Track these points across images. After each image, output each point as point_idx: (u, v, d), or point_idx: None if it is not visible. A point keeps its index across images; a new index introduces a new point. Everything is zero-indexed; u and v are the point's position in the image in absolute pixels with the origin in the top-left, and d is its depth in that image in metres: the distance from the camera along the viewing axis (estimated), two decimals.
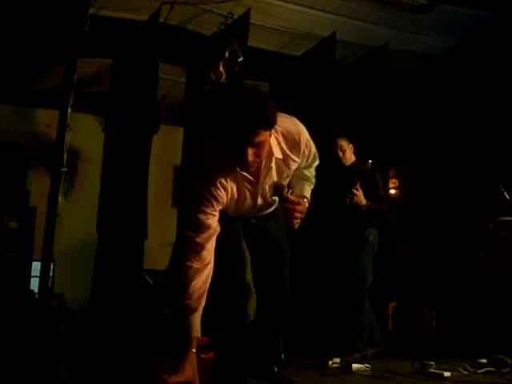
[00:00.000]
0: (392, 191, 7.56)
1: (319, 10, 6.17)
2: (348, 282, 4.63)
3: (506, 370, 3.81)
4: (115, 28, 6.06)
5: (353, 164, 4.90)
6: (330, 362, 4.06)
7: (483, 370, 3.83)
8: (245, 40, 5.85)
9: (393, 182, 7.57)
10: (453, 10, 6.11)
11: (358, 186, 4.56)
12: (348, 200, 4.58)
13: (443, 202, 6.90)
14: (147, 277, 5.09)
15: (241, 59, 5.08)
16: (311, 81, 6.96)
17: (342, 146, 4.91)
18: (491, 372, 3.81)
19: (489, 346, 4.71)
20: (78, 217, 7.38)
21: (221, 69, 5.07)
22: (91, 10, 4.94)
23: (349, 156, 4.92)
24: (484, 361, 3.96)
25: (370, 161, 4.58)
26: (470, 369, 3.80)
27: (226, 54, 5.05)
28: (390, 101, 6.91)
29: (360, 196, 4.57)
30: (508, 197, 4.93)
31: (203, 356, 4.34)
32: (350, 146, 4.94)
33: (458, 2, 6.12)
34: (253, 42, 6.10)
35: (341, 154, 4.90)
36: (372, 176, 4.74)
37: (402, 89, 7.32)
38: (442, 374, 3.63)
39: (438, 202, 6.99)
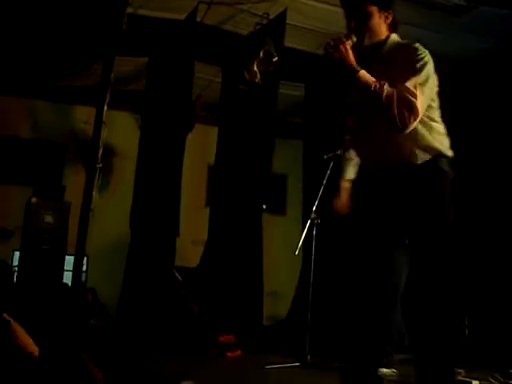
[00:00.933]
0: None
1: None
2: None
3: None
4: (152, 27, 6.14)
5: None
6: None
7: None
8: (280, 40, 5.84)
9: None
10: (491, 11, 5.99)
11: None
12: None
13: (480, 206, 6.76)
14: (177, 274, 5.13)
15: (275, 59, 5.07)
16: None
17: None
18: None
19: None
20: (112, 213, 7.49)
21: (255, 68, 5.08)
22: (129, 9, 5.01)
23: None
24: None
25: None
26: (501, 379, 3.71)
27: (261, 54, 5.05)
28: None
29: None
30: None
31: (230, 354, 4.38)
32: None
33: (497, 3, 6.00)
34: (288, 42, 6.09)
35: None
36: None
37: (439, 91, 7.19)
38: (471, 383, 3.55)
39: (475, 207, 6.85)
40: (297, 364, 4.02)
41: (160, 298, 5.11)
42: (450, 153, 2.47)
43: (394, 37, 2.55)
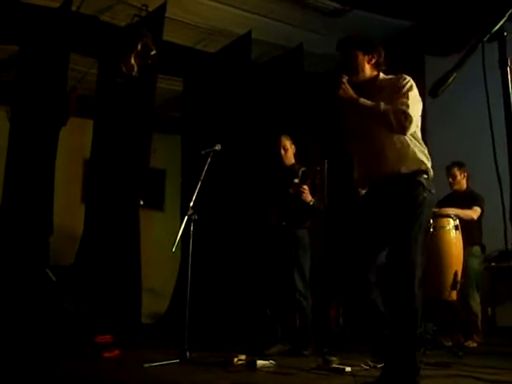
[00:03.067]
0: None
1: (236, 7, 6.19)
2: (289, 279, 4.74)
3: None
4: (24, 14, 5.83)
5: (292, 166, 4.95)
6: (235, 359, 4.06)
7: (382, 364, 3.95)
8: (159, 33, 5.78)
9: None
10: (365, 16, 6.29)
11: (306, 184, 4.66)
12: (293, 191, 4.65)
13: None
14: (50, 273, 4.92)
15: (153, 52, 4.98)
16: (226, 78, 6.96)
17: (285, 144, 4.96)
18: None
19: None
20: None
21: (132, 61, 4.96)
22: None
23: (289, 156, 4.98)
24: None
25: (318, 168, 4.66)
26: (371, 363, 3.91)
27: (139, 47, 4.93)
28: (304, 102, 7.00)
29: (307, 192, 4.65)
30: None
31: (107, 354, 4.26)
32: (293, 146, 5.00)
33: (370, 8, 6.29)
34: (167, 36, 6.03)
35: (283, 152, 4.94)
36: (314, 180, 4.83)
37: (316, 90, 7.44)
38: (344, 369, 3.72)
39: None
40: (176, 361, 4.00)
41: (33, 300, 4.88)
42: (430, 171, 3.03)
43: (382, 75, 3.21)
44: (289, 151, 4.98)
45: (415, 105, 2.98)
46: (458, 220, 5.04)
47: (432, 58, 7.17)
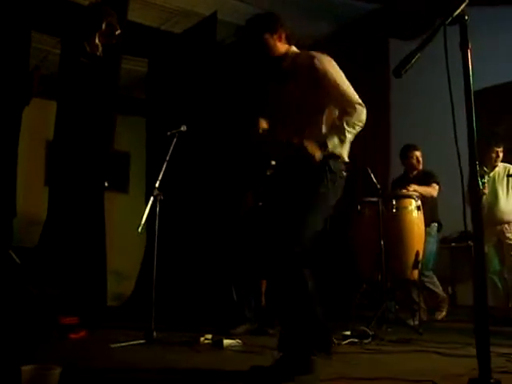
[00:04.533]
0: None
1: None
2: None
3: (367, 341, 4.10)
4: None
5: None
6: (202, 339, 4.10)
7: (347, 341, 4.06)
8: (124, 13, 5.71)
9: None
10: None
11: None
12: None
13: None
14: (14, 255, 4.86)
15: (118, 32, 4.92)
16: (191, 59, 6.92)
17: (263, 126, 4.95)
18: (354, 343, 4.07)
19: (353, 319, 4.98)
20: None
21: (97, 41, 4.90)
22: None
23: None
24: (348, 333, 4.21)
25: None
26: (336, 341, 4.00)
27: (103, 26, 4.87)
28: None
29: None
30: (374, 180, 5.19)
31: (73, 336, 4.26)
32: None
33: None
34: (132, 16, 5.97)
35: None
36: None
37: None
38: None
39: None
40: (143, 341, 4.02)
41: None
42: (343, 156, 2.92)
43: (294, 49, 3.12)
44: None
45: (345, 79, 2.97)
46: (419, 201, 5.15)
47: (396, 41, 7.27)
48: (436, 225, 5.69)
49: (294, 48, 3.13)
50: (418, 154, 5.79)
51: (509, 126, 6.51)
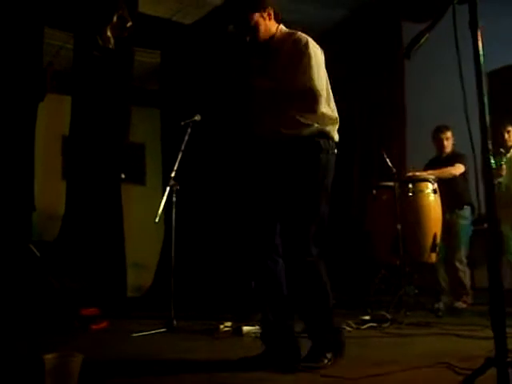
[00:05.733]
0: None
1: None
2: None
3: (386, 325, 4.10)
4: None
5: None
6: (222, 326, 4.13)
7: (366, 325, 4.07)
8: (134, 5, 5.72)
9: None
10: None
11: None
12: None
13: None
14: (34, 248, 4.94)
15: (129, 24, 4.95)
16: (204, 49, 6.92)
17: None
18: (373, 327, 4.07)
19: (372, 304, 4.98)
20: None
21: (108, 34, 4.93)
22: None
23: None
24: (367, 318, 4.22)
25: None
26: (354, 325, 4.02)
27: (114, 19, 4.90)
28: None
29: None
30: (390, 164, 5.17)
31: (95, 326, 4.32)
32: None
33: None
34: (143, 8, 5.98)
35: None
36: None
37: None
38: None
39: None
40: (163, 330, 4.07)
41: (17, 275, 4.90)
42: (335, 135, 2.85)
43: (281, 28, 2.94)
44: None
45: (320, 71, 2.80)
46: (436, 184, 5.12)
47: (409, 23, 7.20)
48: (469, 208, 5.58)
49: (282, 26, 2.96)
50: (443, 135, 5.68)
51: None
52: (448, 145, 5.67)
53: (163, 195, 4.40)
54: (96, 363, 2.62)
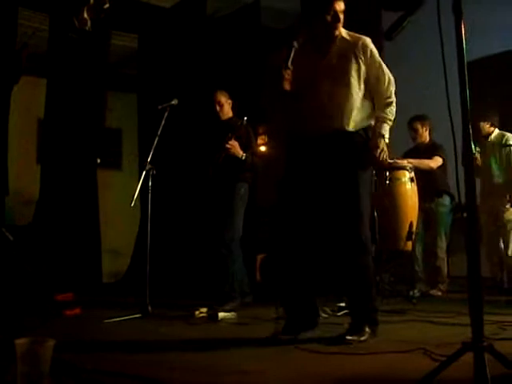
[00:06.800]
0: (262, 148, 7.67)
1: None
2: (219, 232, 4.67)
3: None
4: None
5: (229, 119, 4.91)
6: (197, 312, 4.12)
7: (342, 312, 4.08)
8: None
9: (262, 139, 7.67)
10: None
11: (233, 139, 4.60)
12: (223, 153, 4.59)
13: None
14: (7, 233, 4.86)
15: (107, 6, 4.87)
16: (182, 33, 6.84)
17: (220, 100, 4.90)
18: (348, 314, 4.07)
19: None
20: None
21: (85, 15, 4.84)
22: None
23: (226, 111, 4.92)
24: (343, 304, 4.22)
25: (246, 117, 4.61)
26: (330, 312, 4.02)
27: (91, 0, 4.81)
28: (262, 57, 6.93)
29: (236, 147, 4.61)
30: None
31: (68, 312, 4.26)
32: (229, 101, 4.94)
33: None
34: None
35: (218, 107, 4.88)
36: (247, 132, 4.79)
37: (275, 46, 7.35)
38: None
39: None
40: (138, 315, 4.03)
41: None
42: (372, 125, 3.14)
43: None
44: (224, 106, 4.91)
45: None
46: (413, 172, 5.14)
47: (389, 13, 7.19)
48: (448, 196, 5.63)
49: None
50: (416, 124, 5.71)
51: (500, 96, 6.50)
52: (424, 135, 5.70)
53: (139, 180, 4.35)
54: (68, 348, 2.58)
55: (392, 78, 3.12)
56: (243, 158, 4.65)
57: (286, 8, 7.05)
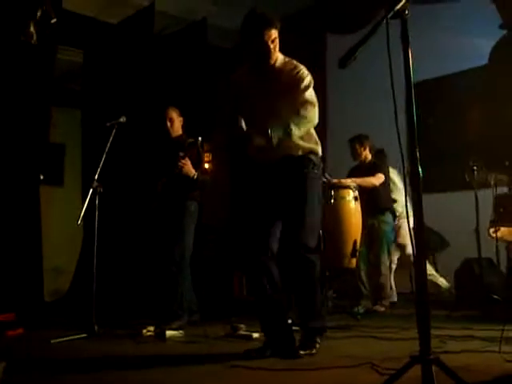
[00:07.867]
0: (206, 165, 7.68)
1: None
2: (169, 250, 4.65)
3: None
4: None
5: (179, 137, 4.91)
6: (144, 331, 4.09)
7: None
8: (59, 1, 5.57)
9: (206, 156, 7.69)
10: None
11: (187, 157, 4.59)
12: (177, 170, 4.58)
13: None
14: None
15: (54, 21, 4.81)
16: (129, 50, 6.81)
17: (172, 116, 4.89)
18: (295, 331, 4.10)
19: (292, 308, 5.03)
20: None
21: (31, 29, 4.77)
22: None
23: (176, 128, 4.92)
24: (289, 321, 4.24)
25: (200, 138, 4.58)
26: None
27: (38, 14, 4.75)
28: (211, 76, 6.98)
29: (189, 166, 4.60)
30: None
31: (11, 333, 4.16)
32: (180, 118, 4.94)
33: None
34: (68, 4, 5.83)
35: (169, 124, 4.86)
36: (198, 151, 4.79)
37: (222, 65, 7.41)
38: (251, 336, 3.84)
39: None
40: (84, 335, 3.97)
41: None
42: (319, 151, 3.34)
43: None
44: (175, 123, 4.91)
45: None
46: (357, 191, 5.27)
47: (333, 35, 7.39)
48: (390, 214, 5.79)
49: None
50: (354, 145, 5.90)
51: (439, 118, 6.78)
52: (363, 154, 5.88)
53: (82, 196, 4.30)
54: (18, 370, 2.53)
55: (313, 119, 3.23)
56: (195, 177, 4.65)
57: (232, 27, 7.14)
